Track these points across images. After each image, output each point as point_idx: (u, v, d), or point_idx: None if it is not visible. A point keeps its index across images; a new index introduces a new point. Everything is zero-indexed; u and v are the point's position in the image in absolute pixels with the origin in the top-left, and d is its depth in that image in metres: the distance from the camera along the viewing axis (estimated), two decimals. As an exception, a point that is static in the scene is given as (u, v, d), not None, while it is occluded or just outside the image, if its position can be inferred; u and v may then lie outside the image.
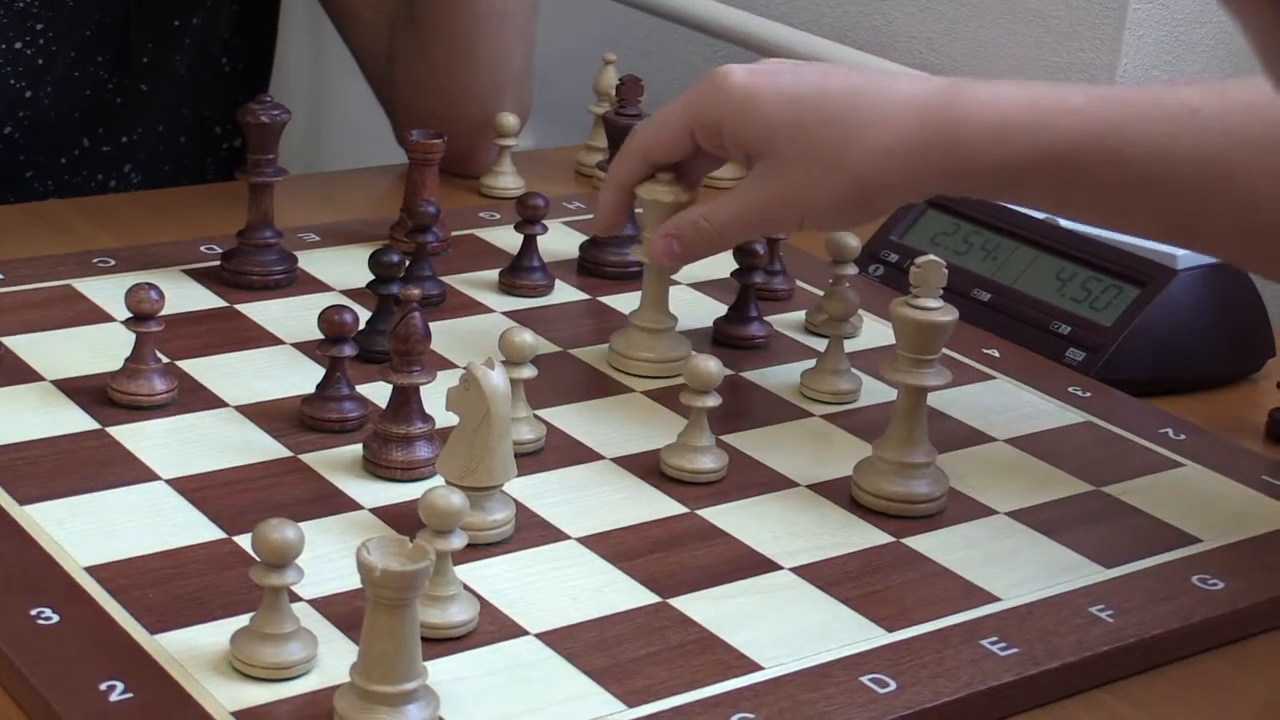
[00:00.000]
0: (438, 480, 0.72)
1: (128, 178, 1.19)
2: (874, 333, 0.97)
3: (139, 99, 1.17)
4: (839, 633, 0.70)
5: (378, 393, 0.85)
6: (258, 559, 0.61)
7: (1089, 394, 0.94)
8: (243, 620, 0.64)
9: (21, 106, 1.11)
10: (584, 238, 1.06)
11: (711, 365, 0.79)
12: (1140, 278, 0.98)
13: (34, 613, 0.65)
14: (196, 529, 0.73)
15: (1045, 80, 1.26)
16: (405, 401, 0.79)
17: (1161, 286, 0.97)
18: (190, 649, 0.64)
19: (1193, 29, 1.27)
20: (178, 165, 1.22)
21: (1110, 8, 1.24)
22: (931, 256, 0.78)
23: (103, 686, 0.61)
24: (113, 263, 0.98)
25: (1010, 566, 0.76)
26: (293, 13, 1.30)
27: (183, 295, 0.95)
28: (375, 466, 0.79)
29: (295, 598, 0.66)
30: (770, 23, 1.44)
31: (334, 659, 0.64)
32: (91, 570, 0.69)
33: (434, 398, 0.77)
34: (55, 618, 0.65)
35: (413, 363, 0.79)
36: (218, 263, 0.98)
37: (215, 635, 0.65)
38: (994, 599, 0.73)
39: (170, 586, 0.68)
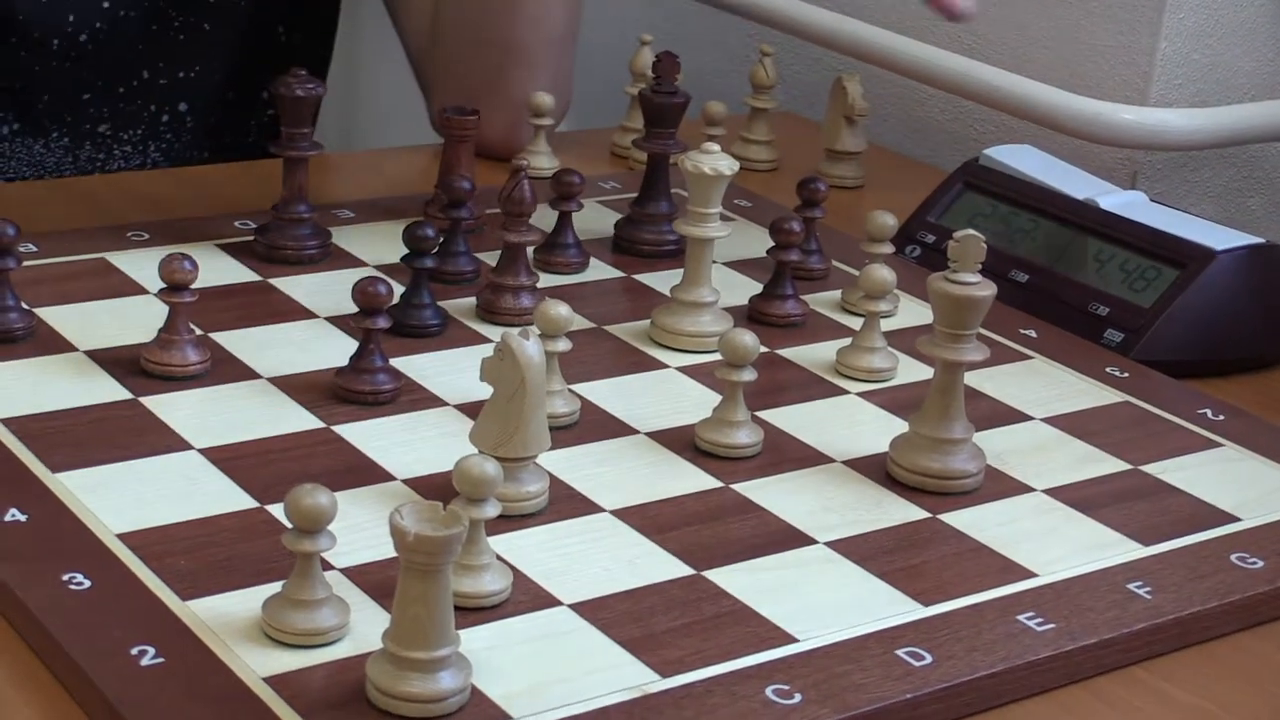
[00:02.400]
0: (471, 449, 0.71)
1: (181, 117, 1.19)
2: (910, 312, 0.97)
3: (201, 37, 1.17)
4: (874, 607, 0.69)
5: (411, 365, 0.85)
6: (290, 525, 0.61)
7: (1127, 374, 0.93)
8: (275, 588, 0.63)
9: (98, 17, 1.12)
10: (619, 216, 1.06)
11: (748, 339, 0.79)
12: (1180, 259, 0.98)
13: (66, 578, 0.65)
14: (228, 498, 0.73)
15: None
16: (515, 258, 0.92)
17: (1201, 269, 0.97)
18: (222, 615, 0.64)
19: (1235, 11, 1.26)
20: (225, 116, 1.22)
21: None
22: (971, 231, 0.77)
23: (134, 651, 0.60)
24: (146, 236, 0.98)
25: (1047, 543, 0.76)
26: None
27: (216, 269, 0.95)
28: (489, 314, 0.92)
29: (328, 566, 0.66)
30: (808, 5, 1.43)
31: (366, 627, 0.63)
32: (123, 537, 0.69)
33: (469, 368, 0.77)
34: (87, 583, 0.65)
35: (521, 223, 0.90)
36: (251, 237, 0.98)
37: (247, 602, 0.64)
38: (1031, 575, 0.73)
39: (202, 554, 0.68)
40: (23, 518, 0.69)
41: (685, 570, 0.71)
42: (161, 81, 1.17)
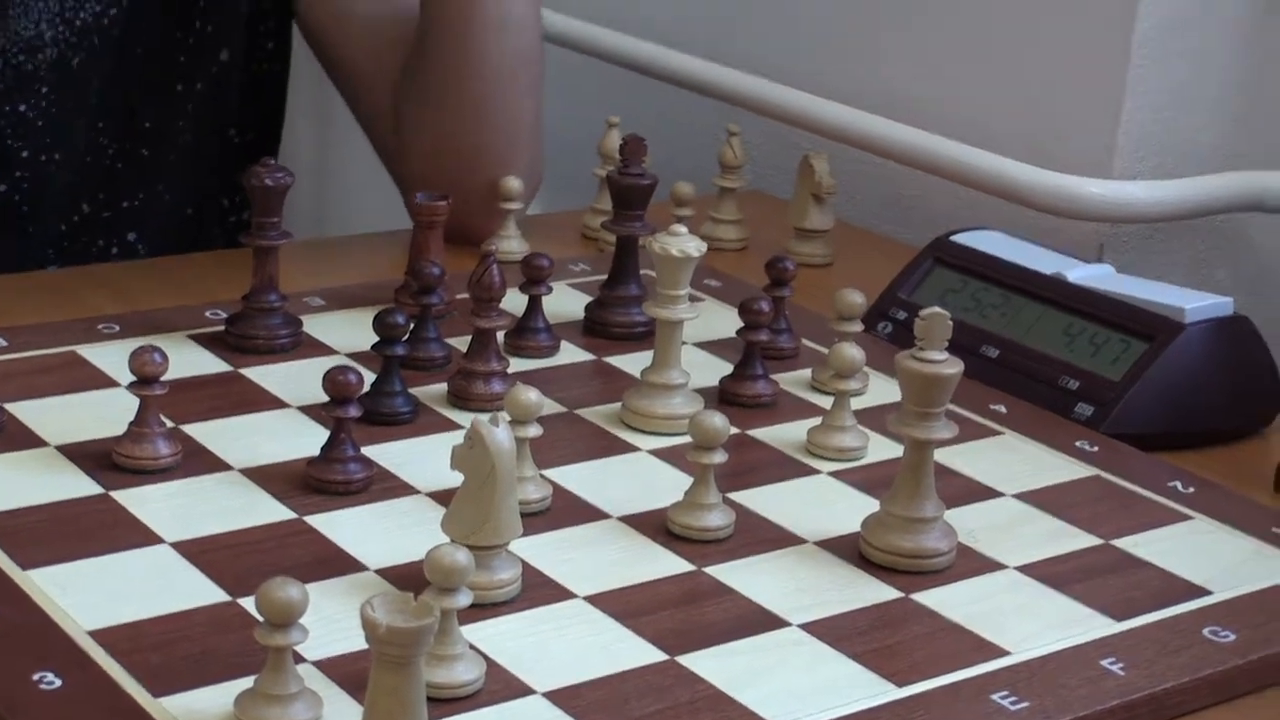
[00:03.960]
0: (443, 537, 0.71)
1: (132, 246, 1.19)
2: (881, 390, 0.97)
3: (141, 165, 1.16)
4: (848, 689, 0.69)
5: (383, 454, 0.85)
6: (261, 619, 0.61)
7: (1097, 448, 0.93)
8: (247, 682, 0.62)
9: (20, 167, 1.10)
10: (589, 298, 1.06)
11: (718, 421, 0.79)
12: (1148, 332, 0.98)
13: (36, 677, 0.64)
14: (201, 592, 0.72)
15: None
16: (486, 343, 0.92)
17: (1169, 340, 0.97)
18: (195, 712, 0.63)
19: (1195, 85, 1.26)
20: (182, 235, 1.21)
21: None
22: (936, 309, 0.77)
23: (106, 751, 0.60)
24: (117, 329, 0.98)
25: (1021, 620, 0.75)
26: (298, 81, 1.30)
27: (187, 360, 0.94)
28: (461, 400, 0.92)
29: (300, 659, 0.65)
30: (773, 85, 1.44)
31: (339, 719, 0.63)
32: (94, 634, 0.68)
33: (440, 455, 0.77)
34: (58, 682, 0.64)
35: (491, 309, 0.91)
36: (222, 327, 0.98)
37: (220, 698, 0.64)
38: (1005, 653, 0.72)
39: (174, 649, 0.68)
40: (-7, 617, 0.69)
41: (659, 656, 0.70)
42: (105, 214, 1.16)
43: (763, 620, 0.74)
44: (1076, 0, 1.26)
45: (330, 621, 0.69)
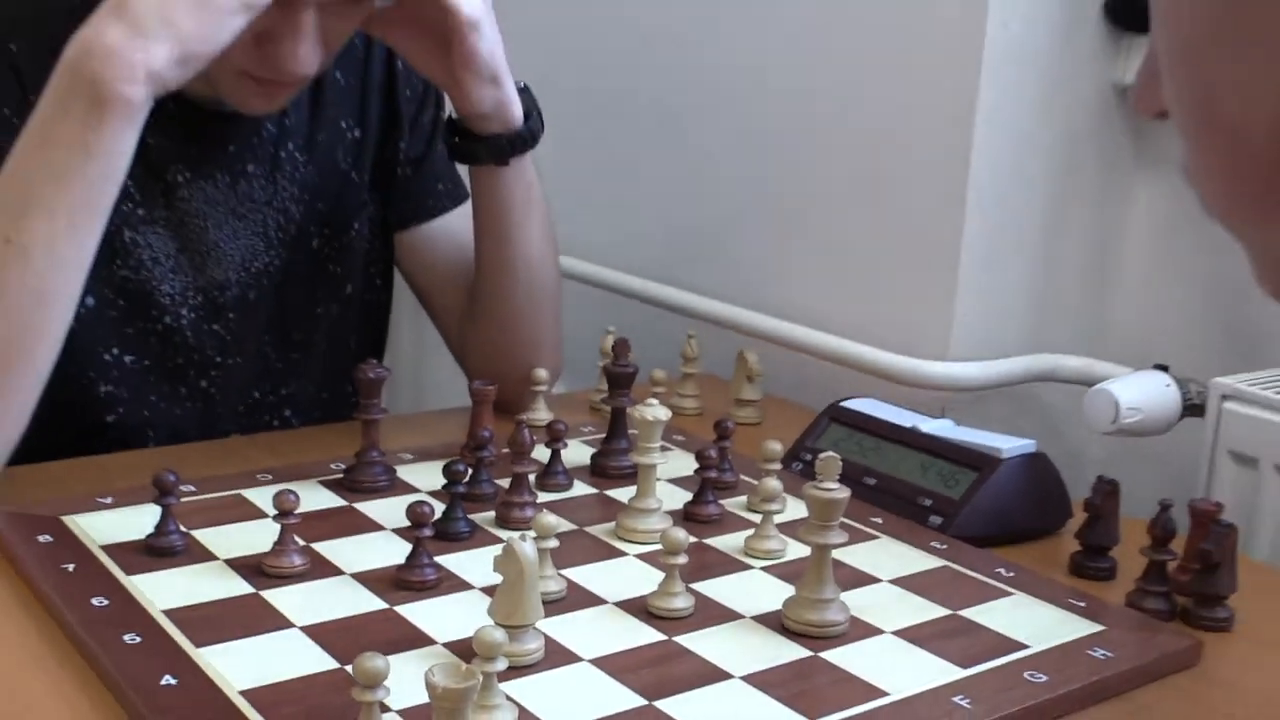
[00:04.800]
0: (488, 620, 0.69)
1: (287, 420, 1.17)
2: (795, 510, 0.95)
3: (293, 365, 1.16)
4: (774, 723, 0.66)
5: (448, 561, 0.83)
6: (357, 682, 0.58)
7: (945, 546, 0.91)
8: (349, 728, 0.60)
9: (214, 369, 1.10)
10: (594, 450, 1.04)
11: (680, 534, 0.77)
12: (977, 465, 0.97)
13: (200, 727, 0.62)
14: (319, 662, 0.70)
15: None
16: (521, 483, 0.90)
17: (992, 471, 0.96)
18: (311, 750, 0.60)
19: (1002, 294, 1.26)
20: (321, 412, 1.20)
21: None
22: (831, 453, 0.76)
23: (247, 779, 0.57)
24: (270, 477, 0.96)
25: (895, 670, 0.73)
26: (400, 304, 1.29)
27: (315, 498, 0.93)
28: (503, 523, 0.90)
29: (386, 709, 0.63)
30: (719, 303, 1.44)
31: (413, 754, 0.60)
32: (244, 693, 0.66)
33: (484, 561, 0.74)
34: (215, 730, 0.62)
35: (524, 459, 0.90)
36: (341, 474, 0.96)
37: (329, 739, 0.61)
38: (884, 694, 0.70)
39: (300, 704, 0.65)
40: (174, 681, 0.66)
41: (641, 701, 0.68)
42: (270, 399, 1.15)
43: (714, 674, 0.71)
44: (924, 250, 1.26)
45: (409, 681, 0.66)
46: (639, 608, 0.78)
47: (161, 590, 0.77)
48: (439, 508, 0.85)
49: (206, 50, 0.85)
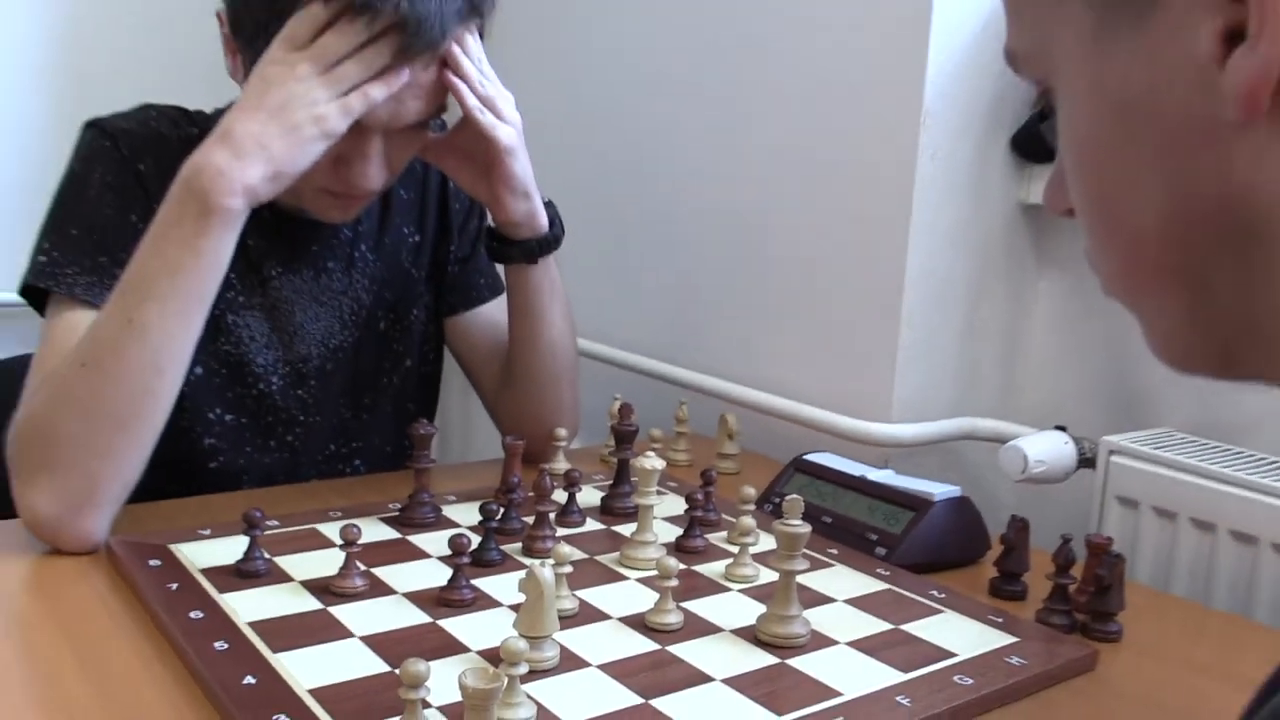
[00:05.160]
0: (513, 632, 0.67)
1: (357, 469, 1.16)
2: (767, 542, 0.93)
3: (363, 424, 1.14)
4: (747, 717, 0.64)
5: (483, 584, 0.81)
6: (403, 683, 0.56)
7: (888, 573, 0.89)
8: None
9: (299, 426, 1.08)
10: (603, 494, 1.02)
11: (672, 562, 0.76)
12: (914, 506, 0.95)
13: (276, 719, 0.60)
14: (374, 666, 0.68)
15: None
16: (543, 520, 0.88)
17: (926, 512, 0.94)
18: (365, 738, 0.58)
19: (932, 369, 1.25)
20: (385, 462, 1.18)
21: None
22: (794, 495, 0.75)
23: (310, 762, 0.55)
24: (340, 514, 0.94)
25: (848, 674, 0.71)
26: (449, 375, 1.28)
27: (376, 531, 0.91)
28: (529, 553, 0.87)
29: (427, 705, 0.61)
30: (706, 376, 1.43)
31: (449, 741, 0.58)
32: (312, 691, 0.64)
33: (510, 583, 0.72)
34: (286, 721, 0.60)
35: (545, 501, 0.89)
36: (397, 513, 0.94)
37: (380, 729, 0.59)
38: (839, 694, 0.68)
39: (357, 701, 0.63)
40: (253, 680, 0.64)
41: (639, 700, 0.66)
42: (343, 451, 1.13)
43: (700, 677, 0.69)
44: (870, 335, 1.25)
45: (447, 683, 0.64)
46: (638, 623, 0.76)
47: (247, 606, 0.75)
48: (475, 540, 0.83)
49: (293, 170, 0.85)
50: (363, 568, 0.80)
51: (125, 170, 0.97)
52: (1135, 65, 0.35)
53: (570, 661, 0.70)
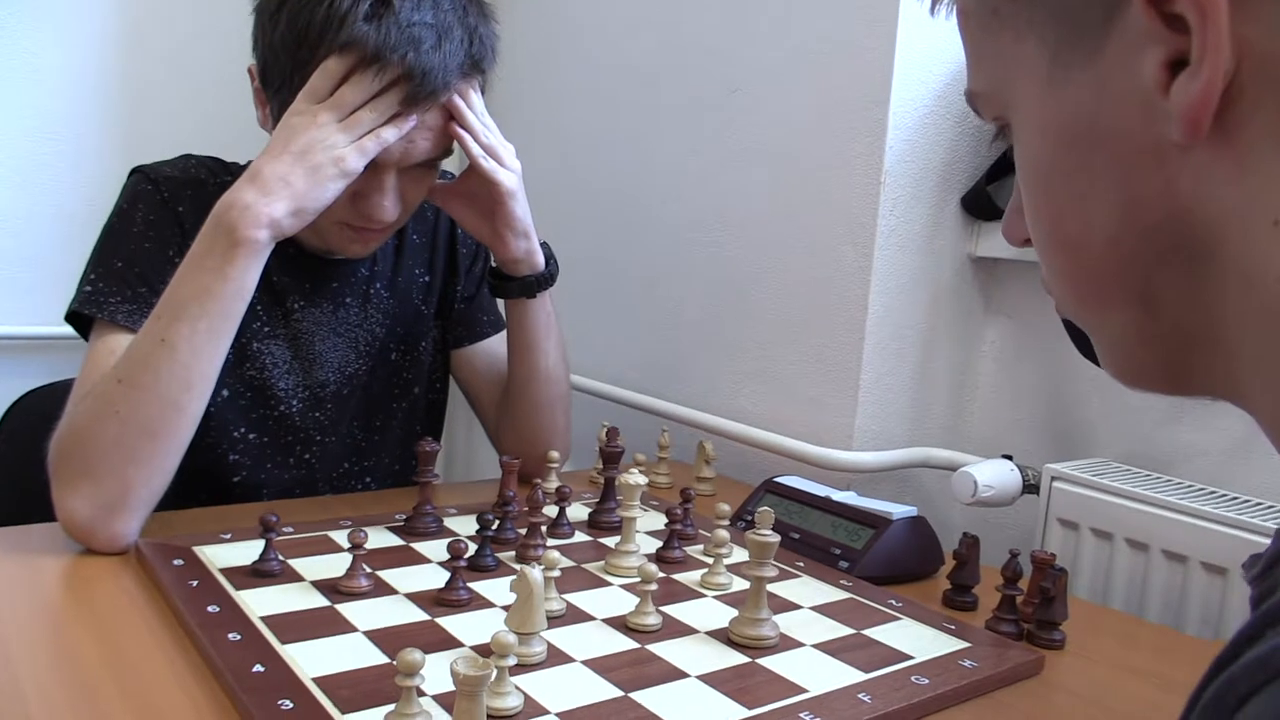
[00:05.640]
0: (504, 627, 0.64)
1: (368, 485, 1.13)
2: (739, 554, 0.91)
3: (374, 445, 1.12)
4: (721, 710, 0.62)
5: (478, 586, 0.78)
6: (399, 670, 0.54)
7: (851, 584, 0.87)
8: (391, 707, 0.56)
9: (316, 445, 1.06)
10: (590, 509, 1.00)
11: (653, 568, 0.73)
12: (874, 524, 0.93)
13: (280, 703, 0.57)
14: (374, 657, 0.65)
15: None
16: (535, 530, 0.86)
17: (885, 529, 0.92)
18: (364, 723, 0.56)
19: (888, 404, 1.24)
20: (394, 479, 1.16)
21: None
22: (766, 508, 0.73)
23: (312, 744, 0.53)
24: (349, 523, 0.92)
25: (814, 673, 0.68)
26: (454, 402, 1.26)
27: (381, 539, 0.88)
28: (521, 560, 0.84)
29: (421, 693, 0.58)
30: (684, 407, 1.41)
31: (442, 727, 0.55)
32: (316, 679, 0.61)
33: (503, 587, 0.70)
34: (291, 705, 0.57)
35: (537, 514, 0.85)
36: (402, 522, 0.92)
37: (378, 716, 0.57)
38: (805, 691, 0.66)
39: (356, 688, 0.61)
40: (262, 669, 0.62)
41: (618, 692, 0.63)
42: (356, 469, 1.11)
43: (676, 673, 0.67)
44: (834, 372, 1.24)
45: (441, 673, 0.62)
46: (620, 624, 0.74)
47: (260, 602, 0.72)
48: (473, 546, 0.81)
49: (314, 206, 0.84)
50: (368, 569, 0.78)
51: (165, 211, 0.96)
52: (1086, 96, 0.35)
53: (556, 657, 0.68)
